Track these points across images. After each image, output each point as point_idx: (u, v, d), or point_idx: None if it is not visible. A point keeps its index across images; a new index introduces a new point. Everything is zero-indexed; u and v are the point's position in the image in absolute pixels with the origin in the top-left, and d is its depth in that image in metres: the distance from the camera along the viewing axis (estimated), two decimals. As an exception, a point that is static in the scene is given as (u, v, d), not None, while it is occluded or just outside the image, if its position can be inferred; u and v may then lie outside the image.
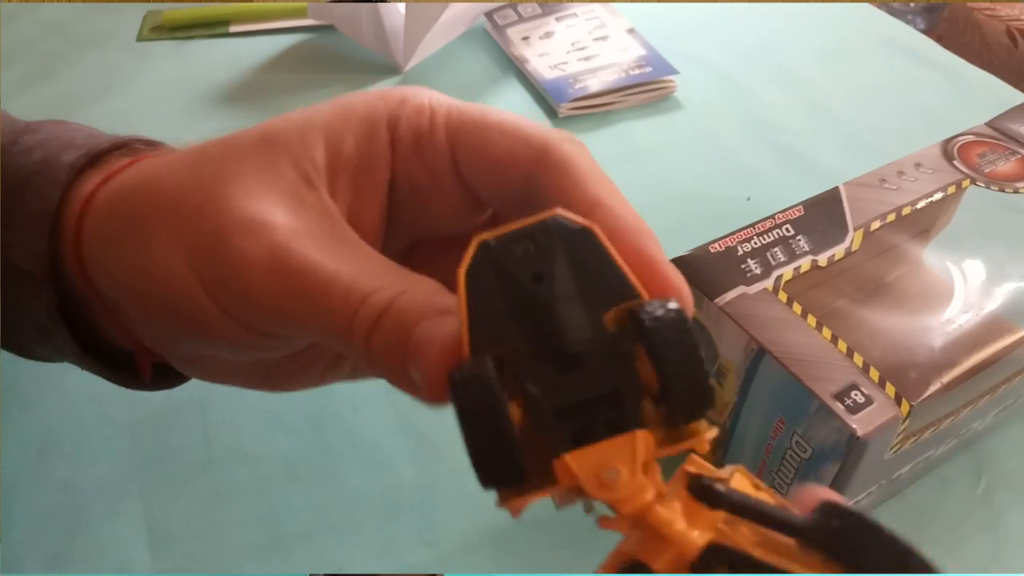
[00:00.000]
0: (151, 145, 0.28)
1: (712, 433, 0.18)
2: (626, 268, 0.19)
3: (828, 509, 0.16)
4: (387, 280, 0.21)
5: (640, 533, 0.17)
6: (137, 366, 0.28)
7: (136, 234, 0.23)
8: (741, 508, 0.17)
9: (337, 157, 0.23)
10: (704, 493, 0.17)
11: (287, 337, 0.23)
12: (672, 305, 0.18)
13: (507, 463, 0.17)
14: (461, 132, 0.24)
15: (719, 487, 0.17)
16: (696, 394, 0.17)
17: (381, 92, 0.24)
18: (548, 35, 0.69)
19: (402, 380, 0.20)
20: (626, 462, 0.17)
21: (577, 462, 0.17)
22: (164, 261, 0.22)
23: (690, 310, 0.20)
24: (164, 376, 0.29)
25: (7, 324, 0.26)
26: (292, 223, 0.21)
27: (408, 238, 0.26)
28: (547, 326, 0.18)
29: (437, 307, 0.20)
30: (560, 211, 0.19)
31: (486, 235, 0.18)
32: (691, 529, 0.17)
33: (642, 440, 0.17)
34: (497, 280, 0.18)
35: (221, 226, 0.21)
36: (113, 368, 0.27)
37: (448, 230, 0.26)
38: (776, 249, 0.36)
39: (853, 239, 0.37)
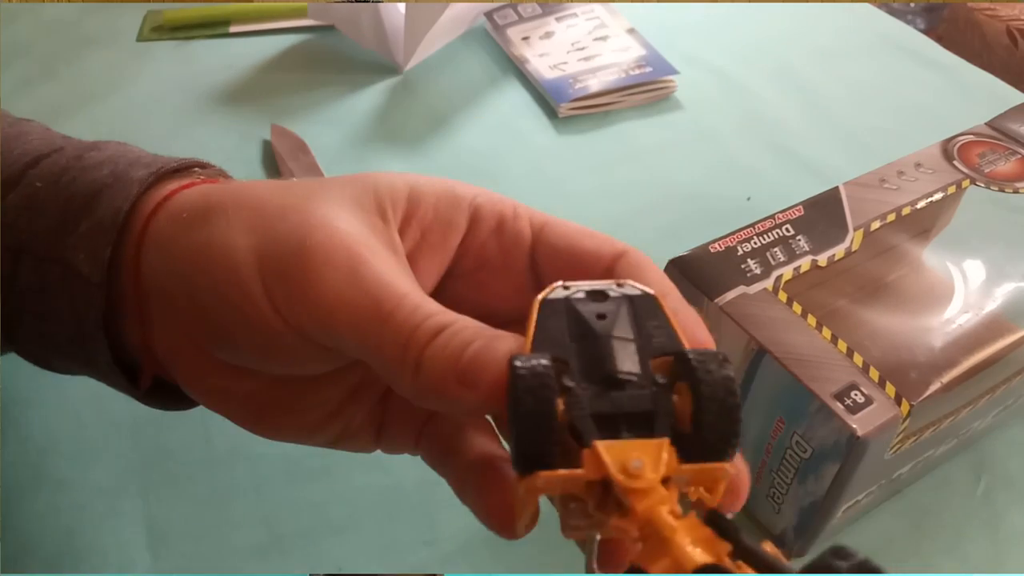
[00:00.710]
0: (212, 169, 0.29)
1: (725, 483, 0.19)
2: (679, 330, 0.21)
3: (836, 551, 0.16)
4: (446, 310, 0.22)
5: (643, 542, 0.18)
6: (139, 376, 0.28)
7: (210, 218, 0.24)
8: (749, 550, 0.17)
9: (415, 208, 0.25)
10: (717, 521, 0.18)
11: (330, 347, 0.23)
12: (720, 354, 0.19)
13: (546, 443, 0.18)
14: (547, 228, 0.26)
15: (733, 523, 0.18)
16: (727, 423, 0.19)
17: (472, 186, 0.26)
18: (548, 35, 0.69)
19: (444, 395, 0.21)
20: (651, 459, 0.18)
21: (606, 450, 0.18)
22: (229, 240, 0.23)
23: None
24: (161, 395, 0.29)
25: (36, 334, 0.27)
26: (367, 239, 0.23)
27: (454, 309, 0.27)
28: (601, 354, 0.20)
29: (492, 333, 0.21)
30: (631, 280, 0.22)
31: (565, 280, 0.21)
32: (694, 547, 0.17)
33: (668, 449, 0.18)
34: (566, 312, 0.21)
35: (304, 224, 0.22)
36: (115, 372, 0.28)
37: (498, 309, 0.27)
38: (776, 249, 0.36)
39: (853, 239, 0.37)
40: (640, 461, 0.18)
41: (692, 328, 0.23)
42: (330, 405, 0.27)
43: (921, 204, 0.39)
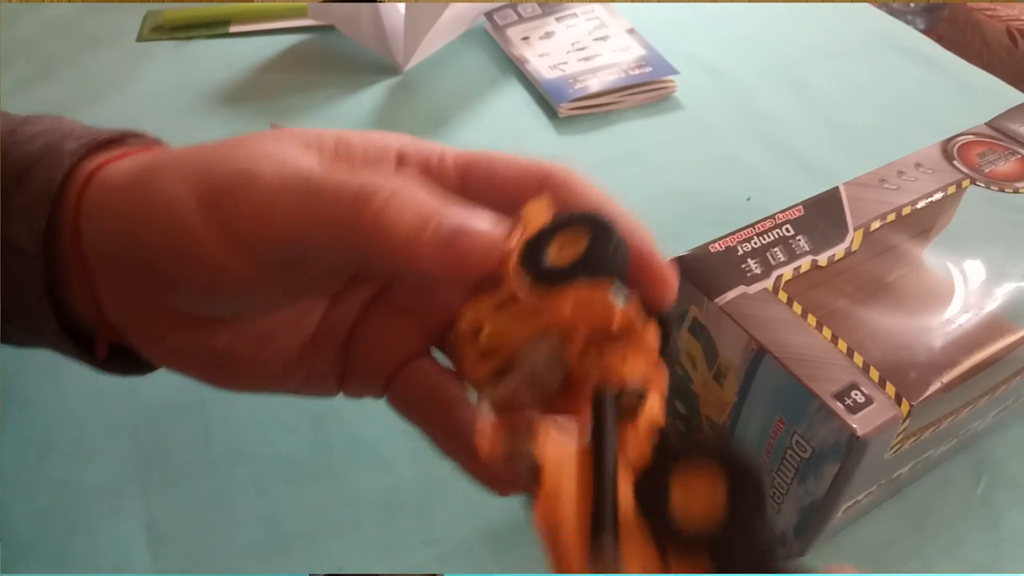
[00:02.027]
0: (147, 139, 0.30)
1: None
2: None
3: None
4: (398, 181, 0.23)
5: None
6: (95, 345, 0.29)
7: (146, 180, 0.25)
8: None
9: (345, 148, 0.25)
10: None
11: (280, 261, 0.24)
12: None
13: None
14: (471, 165, 0.26)
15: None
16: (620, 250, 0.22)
17: (397, 133, 0.27)
18: (548, 35, 0.69)
19: (426, 253, 0.22)
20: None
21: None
22: (169, 190, 0.24)
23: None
24: (120, 361, 0.30)
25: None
26: (300, 157, 0.24)
27: None
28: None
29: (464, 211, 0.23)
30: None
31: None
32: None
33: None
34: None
35: (228, 161, 0.24)
36: (80, 348, 0.28)
37: None
38: (776, 249, 0.36)
39: (853, 239, 0.37)
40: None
41: (636, 247, 0.24)
42: (291, 354, 0.28)
43: (921, 204, 0.39)
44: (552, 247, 0.21)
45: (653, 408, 0.21)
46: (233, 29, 0.70)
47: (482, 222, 0.22)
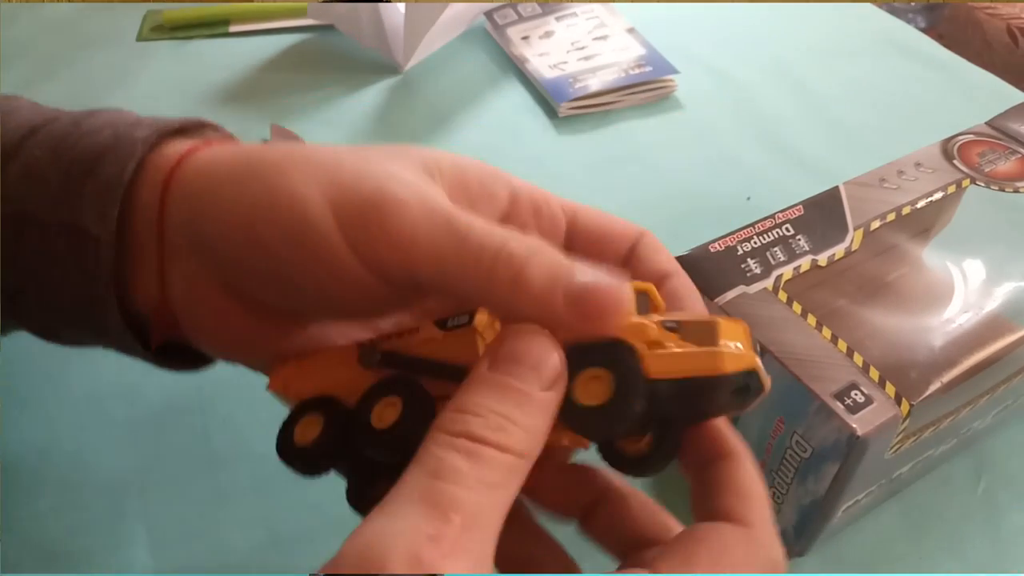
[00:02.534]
0: (223, 130, 0.31)
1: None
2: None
3: None
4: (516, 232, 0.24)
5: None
6: (147, 338, 0.29)
7: (261, 174, 0.25)
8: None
9: (461, 176, 0.27)
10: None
11: (405, 283, 0.24)
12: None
13: None
14: (578, 212, 0.29)
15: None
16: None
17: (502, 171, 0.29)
18: (548, 35, 0.69)
19: (548, 310, 0.23)
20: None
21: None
22: (298, 191, 0.24)
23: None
24: (173, 355, 0.30)
25: (43, 305, 0.28)
26: (434, 190, 0.25)
27: None
28: None
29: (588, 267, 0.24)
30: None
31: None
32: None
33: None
34: None
35: (377, 176, 0.24)
36: (136, 340, 0.28)
37: None
38: (776, 249, 0.36)
39: (853, 239, 0.37)
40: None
41: (692, 305, 0.28)
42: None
43: (921, 204, 0.39)
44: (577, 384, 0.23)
45: None
46: (233, 29, 0.70)
47: (607, 279, 0.23)
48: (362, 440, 0.25)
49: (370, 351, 0.25)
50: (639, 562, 0.23)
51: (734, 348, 0.23)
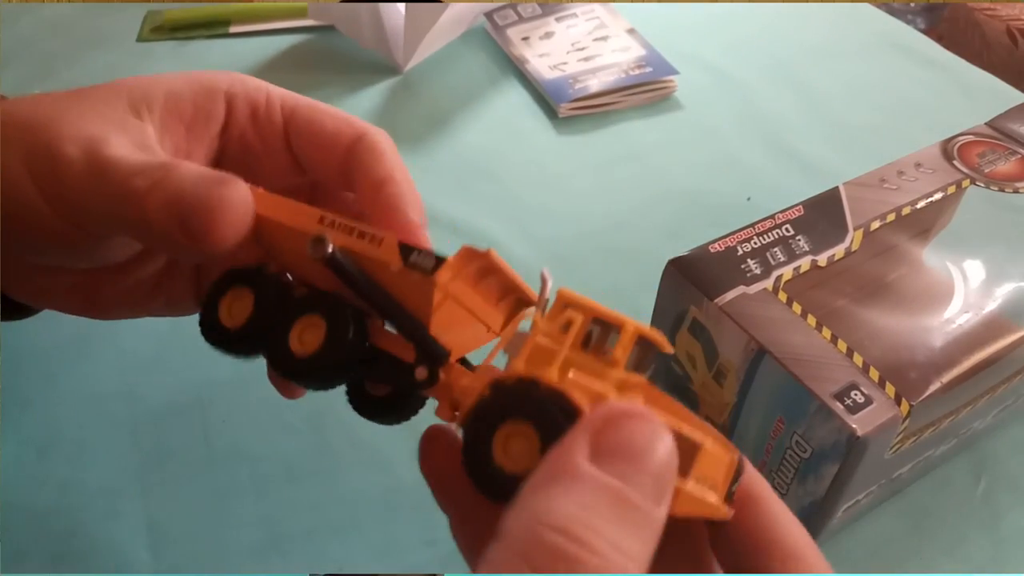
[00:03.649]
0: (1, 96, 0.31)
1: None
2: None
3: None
4: (171, 161, 0.25)
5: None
6: None
7: None
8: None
9: (174, 105, 0.28)
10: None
11: (102, 234, 0.27)
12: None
13: None
14: (296, 112, 0.29)
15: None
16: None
17: (223, 72, 0.29)
18: (548, 35, 0.69)
19: (181, 229, 0.24)
20: None
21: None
22: (8, 169, 0.26)
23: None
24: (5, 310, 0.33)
25: None
26: (112, 138, 0.26)
27: None
28: None
29: (217, 176, 0.25)
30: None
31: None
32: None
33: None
34: None
35: (52, 139, 0.26)
36: None
37: (270, 186, 0.30)
38: (776, 249, 0.36)
39: (853, 239, 0.37)
40: None
41: (404, 218, 0.27)
42: (147, 283, 0.30)
43: (921, 204, 0.39)
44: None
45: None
46: (233, 29, 0.70)
47: (204, 190, 0.24)
48: (278, 360, 0.24)
49: (321, 242, 0.23)
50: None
51: (695, 490, 0.19)
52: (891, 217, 0.38)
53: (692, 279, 0.35)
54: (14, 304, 0.32)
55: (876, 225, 0.38)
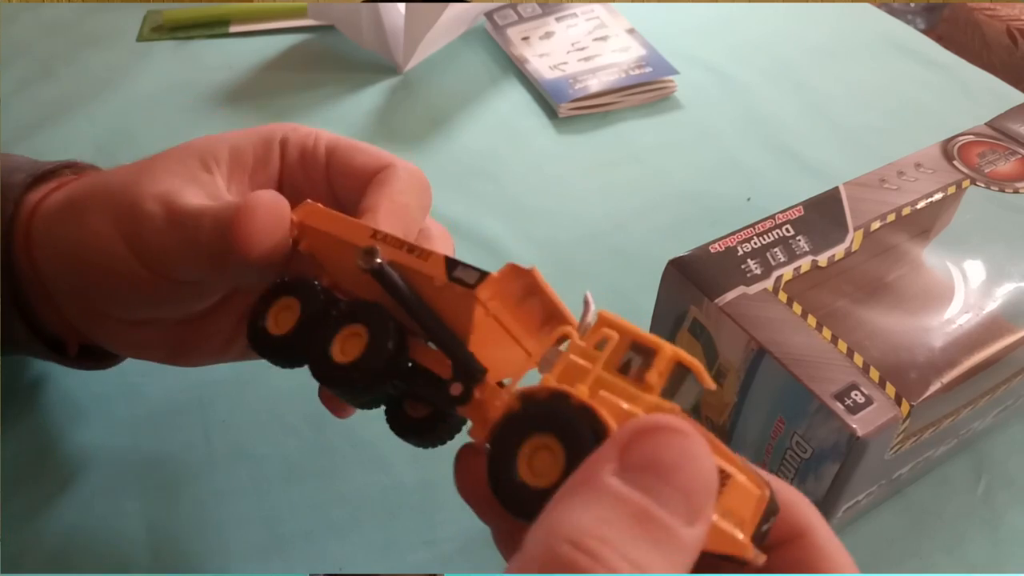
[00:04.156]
0: (80, 166, 0.36)
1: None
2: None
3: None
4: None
5: None
6: (65, 347, 0.35)
7: (76, 214, 0.30)
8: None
9: (237, 157, 0.31)
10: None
11: (189, 281, 0.30)
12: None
13: None
14: (336, 151, 0.32)
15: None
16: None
17: (279, 123, 0.33)
18: (548, 35, 0.69)
19: (222, 250, 0.27)
20: None
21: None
22: (96, 227, 0.29)
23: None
24: (89, 356, 0.36)
25: None
26: (186, 192, 0.29)
27: None
28: None
29: (251, 193, 0.27)
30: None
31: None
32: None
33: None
34: None
35: (135, 199, 0.29)
36: (43, 343, 0.34)
37: None
38: (776, 249, 0.36)
39: (853, 239, 0.37)
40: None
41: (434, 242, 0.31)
42: (226, 331, 0.33)
43: (921, 204, 0.39)
44: None
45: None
46: (233, 29, 0.70)
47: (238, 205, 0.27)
48: (318, 367, 0.25)
49: (371, 253, 0.24)
50: None
51: (718, 523, 0.18)
52: (891, 217, 0.38)
53: (692, 279, 0.35)
54: (100, 352, 0.36)
55: (876, 225, 0.38)
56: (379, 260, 0.23)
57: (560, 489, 0.17)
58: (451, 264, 0.23)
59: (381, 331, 0.24)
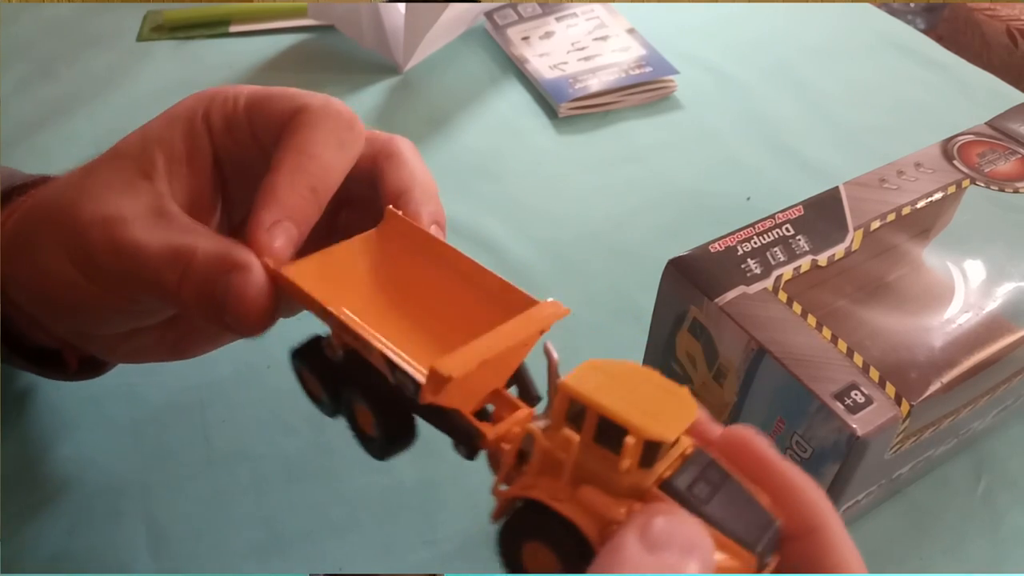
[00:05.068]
0: (42, 177, 0.34)
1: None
2: None
3: None
4: (189, 240, 0.26)
5: None
6: (64, 361, 0.35)
7: (29, 252, 0.29)
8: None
9: (171, 155, 0.29)
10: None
11: (145, 302, 0.29)
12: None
13: None
14: (254, 105, 0.29)
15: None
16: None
17: (198, 93, 0.30)
18: (548, 35, 0.69)
19: (217, 321, 0.26)
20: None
21: None
22: (48, 264, 0.28)
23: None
24: (91, 366, 0.36)
25: None
26: (127, 213, 0.27)
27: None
28: None
29: (234, 259, 0.26)
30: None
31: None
32: None
33: None
34: None
35: (78, 225, 0.27)
36: (42, 365, 0.34)
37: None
38: (776, 249, 0.36)
39: (853, 239, 0.37)
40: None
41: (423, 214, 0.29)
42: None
43: (921, 204, 0.39)
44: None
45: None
46: (233, 29, 0.70)
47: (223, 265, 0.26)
48: (358, 435, 0.27)
49: (330, 344, 0.26)
50: None
51: None
52: (891, 217, 0.38)
53: (692, 279, 0.35)
54: (94, 361, 0.36)
55: (876, 225, 0.38)
56: (340, 353, 0.25)
57: None
58: (391, 365, 0.23)
59: (384, 416, 0.26)
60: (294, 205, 0.27)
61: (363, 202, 0.31)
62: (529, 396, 0.25)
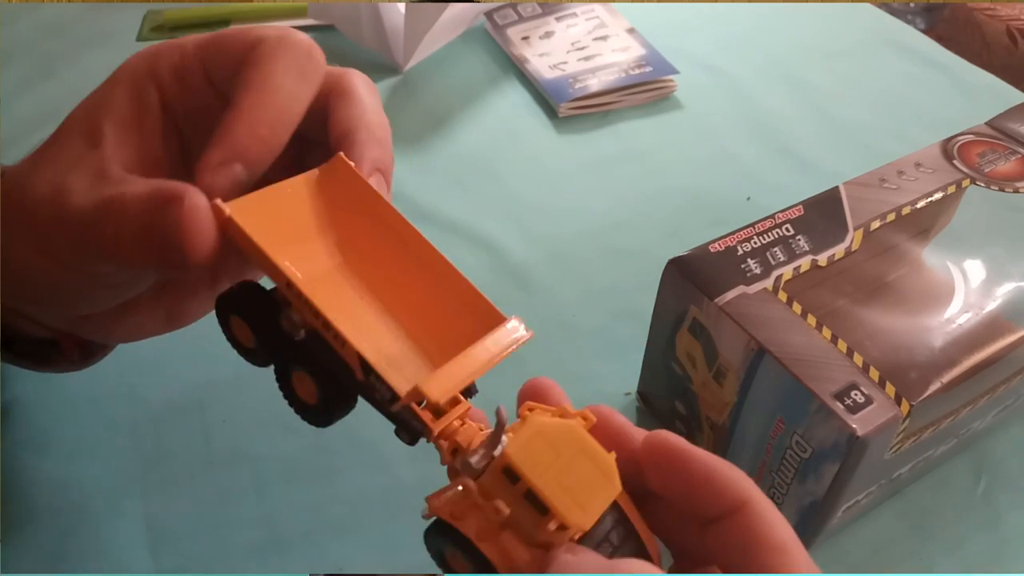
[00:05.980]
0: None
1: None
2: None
3: None
4: (119, 190, 0.25)
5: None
6: (63, 350, 0.34)
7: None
8: None
9: (116, 116, 0.28)
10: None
11: (108, 273, 0.28)
12: None
13: None
14: (206, 48, 0.28)
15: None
16: None
17: (140, 51, 0.29)
18: (548, 35, 0.69)
19: (166, 263, 0.25)
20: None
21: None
22: (14, 252, 0.27)
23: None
24: (91, 351, 0.35)
25: None
26: (72, 184, 0.26)
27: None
28: None
29: (166, 193, 0.25)
30: None
31: None
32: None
33: None
34: None
35: (30, 206, 0.27)
36: (41, 359, 0.34)
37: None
38: (776, 249, 0.36)
39: (853, 239, 0.37)
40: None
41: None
42: (205, 279, 0.32)
43: (921, 204, 0.39)
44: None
45: None
46: (233, 29, 0.70)
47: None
48: (291, 404, 0.27)
49: (290, 320, 0.25)
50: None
51: None
52: (891, 217, 0.38)
53: (692, 279, 0.35)
54: (94, 346, 0.35)
55: (876, 225, 0.38)
56: (303, 333, 0.24)
57: None
58: (367, 368, 0.24)
59: (326, 388, 0.25)
60: (246, 144, 0.26)
61: (325, 146, 0.30)
62: (467, 390, 0.26)
